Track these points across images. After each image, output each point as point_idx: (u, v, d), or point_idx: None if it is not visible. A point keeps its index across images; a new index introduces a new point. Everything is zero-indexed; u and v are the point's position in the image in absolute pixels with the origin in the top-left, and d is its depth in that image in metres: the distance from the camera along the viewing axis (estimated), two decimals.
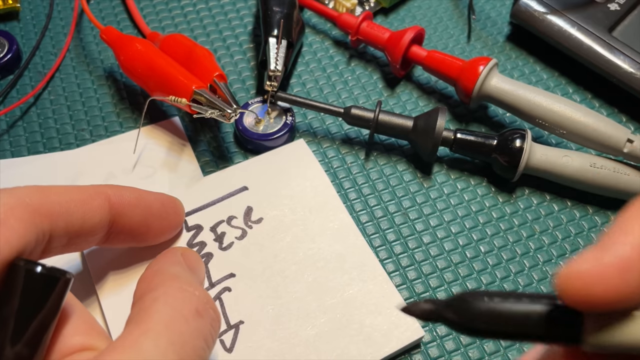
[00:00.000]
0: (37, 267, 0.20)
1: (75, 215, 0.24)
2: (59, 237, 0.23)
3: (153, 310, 0.22)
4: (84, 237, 0.25)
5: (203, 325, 0.23)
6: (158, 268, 0.25)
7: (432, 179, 0.35)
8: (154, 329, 0.21)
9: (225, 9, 0.43)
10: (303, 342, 0.28)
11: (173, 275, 0.24)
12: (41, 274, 0.20)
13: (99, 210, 0.25)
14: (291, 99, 0.35)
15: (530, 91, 0.34)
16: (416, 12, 0.43)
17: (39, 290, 0.20)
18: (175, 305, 0.22)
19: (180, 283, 0.24)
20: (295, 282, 0.30)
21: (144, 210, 0.27)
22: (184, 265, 0.27)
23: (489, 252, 0.32)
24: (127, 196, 0.26)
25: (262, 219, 0.32)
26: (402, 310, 0.18)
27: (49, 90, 0.38)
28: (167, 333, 0.21)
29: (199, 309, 0.23)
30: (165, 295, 0.23)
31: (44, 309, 0.20)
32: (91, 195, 0.25)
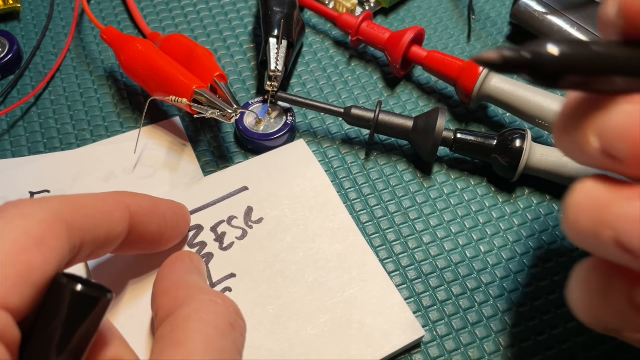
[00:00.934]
0: (79, 286, 0.20)
1: (101, 228, 0.24)
2: (85, 249, 0.23)
3: (189, 328, 0.22)
4: (105, 247, 0.25)
5: (237, 337, 0.23)
6: (178, 278, 0.25)
7: (432, 179, 0.35)
8: (196, 349, 0.21)
9: (225, 9, 0.43)
10: (303, 342, 0.28)
11: (198, 287, 0.24)
12: (85, 293, 0.20)
13: (122, 221, 0.25)
14: (291, 99, 0.35)
15: (530, 91, 0.34)
16: (416, 12, 0.43)
17: (83, 308, 0.21)
18: (211, 321, 0.22)
19: (209, 295, 0.24)
20: (296, 282, 0.30)
21: (159, 219, 0.27)
22: (196, 271, 0.27)
23: (489, 252, 0.33)
24: (144, 206, 0.26)
25: (262, 219, 0.32)
26: (477, 61, 0.17)
27: (50, 91, 0.38)
28: (209, 352, 0.21)
29: (232, 322, 0.23)
30: (198, 311, 0.23)
31: (86, 325, 0.21)
32: (114, 207, 0.25)
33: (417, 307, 0.31)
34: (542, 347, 0.30)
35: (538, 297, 0.31)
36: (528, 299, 0.31)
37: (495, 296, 0.31)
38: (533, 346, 0.30)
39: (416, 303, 0.31)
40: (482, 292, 0.31)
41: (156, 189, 0.33)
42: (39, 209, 0.21)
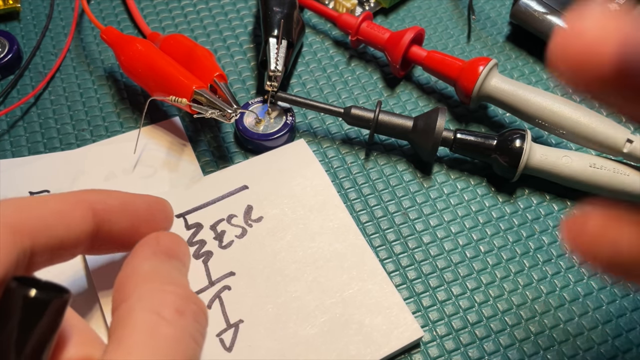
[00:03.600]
0: (31, 291, 0.19)
1: (56, 229, 0.22)
2: (41, 253, 0.22)
3: (131, 321, 0.21)
4: (67, 249, 0.23)
5: (187, 323, 0.21)
6: (131, 269, 0.23)
7: (432, 179, 0.35)
8: (138, 343, 0.20)
9: (225, 9, 0.43)
10: (303, 342, 0.28)
11: (146, 275, 0.23)
12: (37, 297, 0.20)
13: (82, 220, 0.23)
14: (291, 99, 0.35)
15: (530, 91, 0.34)
16: (416, 12, 0.43)
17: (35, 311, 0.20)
18: (154, 309, 0.21)
19: (155, 283, 0.22)
20: (295, 281, 0.30)
21: (130, 215, 0.25)
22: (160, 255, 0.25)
23: (489, 252, 0.32)
24: (111, 202, 0.25)
25: (262, 217, 0.32)
26: None
27: (50, 91, 0.38)
28: (152, 343, 0.20)
29: (178, 307, 0.21)
30: (141, 301, 0.21)
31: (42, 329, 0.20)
32: (73, 206, 0.23)
33: (417, 307, 0.31)
34: (541, 346, 0.30)
35: (538, 296, 0.31)
36: (528, 298, 0.31)
37: (495, 296, 0.31)
38: (533, 346, 0.30)
39: (416, 303, 0.31)
40: (481, 292, 0.31)
41: (156, 189, 0.33)
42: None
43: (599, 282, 0.32)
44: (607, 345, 0.30)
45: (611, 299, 0.31)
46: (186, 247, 0.27)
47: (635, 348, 0.30)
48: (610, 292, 0.31)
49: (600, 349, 0.30)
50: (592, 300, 0.31)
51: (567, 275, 0.32)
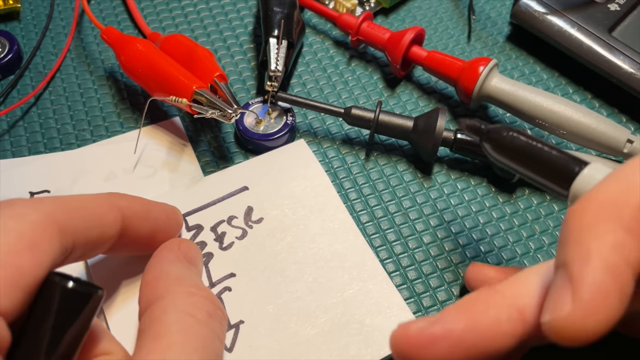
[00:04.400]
0: (71, 283, 0.21)
1: (94, 230, 0.24)
2: (77, 251, 0.23)
3: (167, 321, 0.22)
4: (96, 250, 0.25)
5: (216, 326, 0.23)
6: (159, 271, 0.25)
7: (432, 179, 0.35)
8: (175, 341, 0.22)
9: (225, 9, 0.43)
10: (303, 342, 0.28)
11: (177, 278, 0.25)
12: (76, 290, 0.21)
13: (114, 224, 0.25)
14: (291, 99, 0.35)
15: (530, 92, 0.34)
16: (416, 12, 0.43)
17: (74, 305, 0.21)
18: (188, 311, 0.23)
19: (186, 286, 0.24)
20: (296, 282, 0.30)
21: (152, 222, 0.27)
22: (184, 261, 0.27)
23: (489, 252, 0.32)
24: (137, 208, 0.26)
25: (262, 218, 0.32)
26: (459, 125, 0.26)
27: (50, 91, 0.38)
28: (189, 342, 0.22)
29: (209, 311, 0.23)
30: (175, 303, 0.23)
31: (78, 323, 0.21)
32: (107, 209, 0.25)
33: (417, 307, 0.31)
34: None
35: None
36: None
37: None
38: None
39: (416, 303, 0.31)
40: None
41: (156, 189, 0.33)
42: (31, 210, 0.21)
43: None
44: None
45: None
46: (200, 254, 0.29)
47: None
48: None
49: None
50: None
51: None
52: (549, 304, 0.19)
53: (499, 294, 0.21)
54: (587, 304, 0.18)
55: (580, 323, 0.18)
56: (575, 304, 0.18)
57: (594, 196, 0.19)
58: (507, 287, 0.22)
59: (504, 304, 0.21)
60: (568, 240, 0.19)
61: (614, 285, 0.18)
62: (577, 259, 0.18)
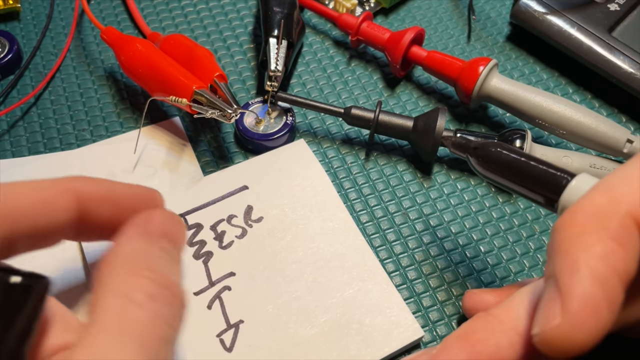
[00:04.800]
0: (10, 277, 0.19)
1: (38, 216, 0.22)
2: (21, 240, 0.22)
3: (103, 306, 0.20)
4: (49, 236, 0.23)
5: (160, 307, 0.21)
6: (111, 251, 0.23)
7: (432, 179, 0.35)
8: (108, 325, 0.20)
9: (225, 9, 0.43)
10: (303, 342, 0.28)
11: (122, 260, 0.22)
12: (14, 282, 0.19)
13: (65, 208, 0.23)
14: (291, 99, 0.35)
15: (530, 91, 0.34)
16: (416, 12, 0.43)
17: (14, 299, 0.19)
18: (125, 293, 0.21)
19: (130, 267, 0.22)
20: (296, 282, 0.30)
21: (116, 203, 0.25)
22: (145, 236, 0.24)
23: (489, 252, 0.32)
24: (96, 189, 0.24)
25: (262, 218, 0.32)
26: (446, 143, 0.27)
27: (50, 91, 0.38)
28: (122, 326, 0.20)
29: (151, 292, 0.21)
30: (113, 285, 0.21)
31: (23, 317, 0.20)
32: (56, 193, 0.23)
33: (417, 307, 0.31)
34: None
35: None
36: None
37: None
38: None
39: (416, 303, 0.31)
40: None
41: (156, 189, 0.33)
42: None
43: None
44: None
45: None
46: (180, 226, 0.26)
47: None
48: None
49: None
50: None
51: None
52: (539, 316, 0.19)
53: (497, 320, 0.21)
54: (576, 315, 0.18)
55: (569, 335, 0.18)
56: (564, 315, 0.18)
57: (580, 207, 0.20)
58: (504, 312, 0.22)
59: (503, 329, 0.21)
60: (556, 252, 0.19)
61: (603, 296, 0.18)
62: (566, 270, 0.18)
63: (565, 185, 0.22)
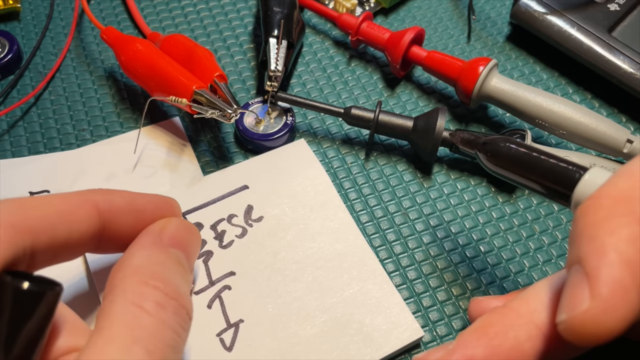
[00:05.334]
0: (23, 284, 0.20)
1: (59, 228, 0.22)
2: (43, 252, 0.22)
3: (112, 313, 0.21)
4: (71, 249, 0.23)
5: (167, 316, 0.22)
6: (123, 259, 0.24)
7: (432, 179, 0.35)
8: (117, 333, 0.20)
9: (225, 9, 0.43)
10: (303, 342, 0.28)
11: (134, 269, 0.23)
12: (28, 289, 0.20)
13: (86, 220, 0.23)
14: (291, 99, 0.35)
15: (530, 92, 0.34)
16: (416, 12, 0.43)
17: (27, 305, 0.20)
18: (135, 301, 0.21)
19: (142, 275, 0.23)
20: (296, 281, 0.30)
21: (137, 214, 0.26)
22: (158, 245, 0.25)
23: (489, 252, 0.32)
24: (117, 202, 0.25)
25: (262, 217, 0.32)
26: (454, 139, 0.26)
27: (50, 91, 0.38)
28: (131, 334, 0.20)
29: (159, 301, 0.22)
30: (124, 293, 0.22)
31: (33, 322, 0.20)
32: (77, 205, 0.23)
33: (417, 307, 0.31)
34: None
35: None
36: None
37: None
38: None
39: (416, 303, 0.31)
40: (482, 292, 0.31)
41: (156, 189, 0.33)
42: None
43: None
44: None
45: None
46: (195, 235, 0.27)
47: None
48: None
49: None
50: None
51: None
52: (564, 302, 0.18)
53: (514, 313, 0.21)
54: (606, 298, 0.17)
55: (599, 319, 0.17)
56: (593, 299, 0.17)
57: (604, 192, 0.19)
58: (521, 304, 0.21)
59: (521, 323, 0.21)
60: (581, 237, 0.19)
61: (633, 280, 0.17)
62: (593, 254, 0.18)
63: (579, 179, 0.22)
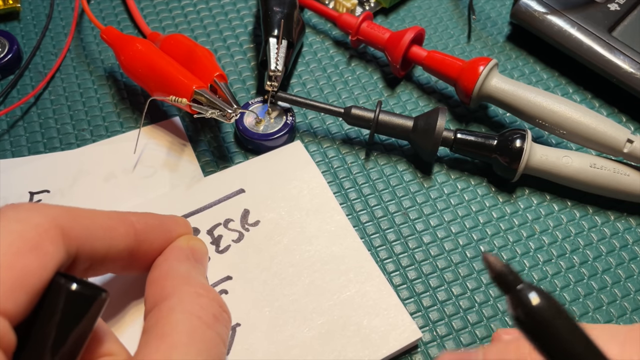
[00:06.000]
0: (75, 285, 0.21)
1: (101, 241, 0.23)
2: (83, 260, 0.23)
3: (173, 320, 0.22)
4: (106, 264, 0.24)
5: (221, 329, 0.23)
6: (168, 268, 0.25)
7: (432, 179, 0.35)
8: (180, 341, 0.22)
9: (225, 9, 0.43)
10: (300, 344, 0.28)
11: (185, 277, 0.25)
12: (80, 292, 0.21)
13: (125, 237, 0.24)
14: (291, 99, 0.35)
15: (530, 91, 0.34)
16: (416, 12, 0.43)
17: (78, 307, 0.21)
18: (195, 313, 0.23)
19: (194, 286, 0.24)
20: (292, 285, 0.30)
21: (166, 234, 0.27)
22: (192, 259, 0.26)
23: (489, 252, 0.32)
24: (150, 222, 0.26)
25: (259, 221, 0.32)
26: (484, 257, 0.19)
27: (50, 90, 0.38)
28: (193, 344, 0.22)
29: (215, 313, 0.23)
30: (182, 303, 0.23)
31: (82, 324, 0.21)
32: (118, 222, 0.24)
33: (417, 307, 0.31)
34: None
35: None
36: None
37: (495, 296, 0.31)
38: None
39: (416, 303, 0.31)
40: (482, 292, 0.31)
41: (156, 189, 0.33)
42: (35, 213, 0.21)
43: (599, 282, 0.32)
44: None
45: (611, 299, 0.31)
46: (206, 252, 0.29)
47: None
48: (610, 292, 0.31)
49: None
50: (593, 300, 0.31)
51: (568, 276, 0.32)
52: None
53: None
54: None
55: None
56: None
57: None
58: None
59: None
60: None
61: None
62: None
63: None
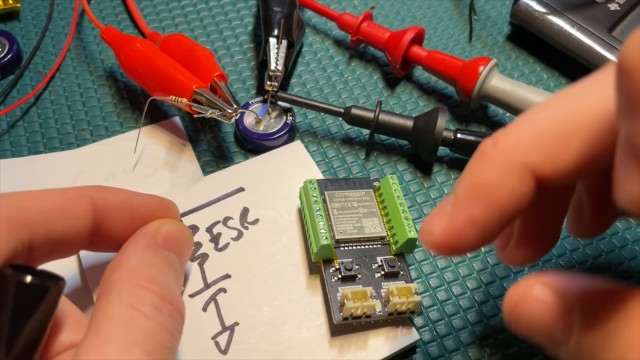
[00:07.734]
0: (27, 277, 0.20)
1: (56, 222, 0.22)
2: (40, 246, 0.22)
3: (109, 313, 0.21)
4: (67, 244, 0.24)
5: (163, 319, 0.22)
6: (119, 260, 0.24)
7: (432, 178, 0.35)
8: (115, 334, 0.21)
9: (225, 9, 0.43)
10: (298, 344, 0.28)
11: (129, 271, 0.23)
12: (32, 283, 0.20)
13: (82, 215, 0.23)
14: (291, 98, 0.35)
15: (530, 91, 0.34)
16: (416, 12, 0.43)
17: (31, 299, 0.20)
18: (132, 304, 0.22)
19: (137, 278, 0.23)
20: (291, 284, 0.30)
21: (131, 214, 0.26)
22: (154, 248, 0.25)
23: (488, 252, 0.32)
24: (112, 199, 0.25)
25: (258, 220, 0.32)
26: None
27: (50, 90, 0.38)
28: (130, 335, 0.21)
29: (155, 304, 0.22)
30: (120, 295, 0.22)
31: (37, 317, 0.20)
32: (73, 200, 0.23)
33: None
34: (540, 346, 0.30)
35: None
36: None
37: (495, 296, 0.31)
38: (533, 346, 0.30)
39: None
40: (482, 292, 0.31)
41: (156, 189, 0.33)
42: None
43: None
44: None
45: None
46: (188, 238, 0.27)
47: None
48: None
49: None
50: None
51: None
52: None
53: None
54: None
55: None
56: None
57: None
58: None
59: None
60: None
61: None
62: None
63: None
